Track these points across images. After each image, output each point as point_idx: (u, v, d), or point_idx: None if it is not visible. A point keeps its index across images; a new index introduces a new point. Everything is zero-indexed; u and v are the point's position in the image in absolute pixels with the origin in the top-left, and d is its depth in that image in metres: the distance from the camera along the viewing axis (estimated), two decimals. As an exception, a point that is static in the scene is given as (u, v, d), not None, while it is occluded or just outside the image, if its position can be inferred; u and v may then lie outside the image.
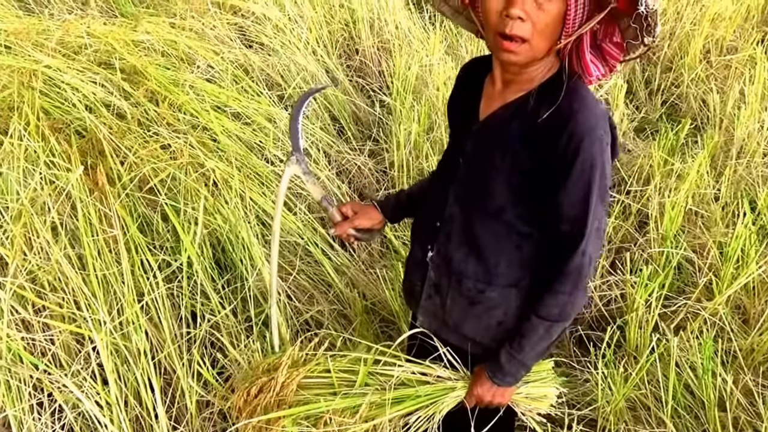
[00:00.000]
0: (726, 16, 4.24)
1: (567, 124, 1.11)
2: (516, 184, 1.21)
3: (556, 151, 1.13)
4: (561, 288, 1.19)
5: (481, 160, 1.25)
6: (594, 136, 1.12)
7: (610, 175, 1.19)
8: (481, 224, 1.27)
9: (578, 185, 1.13)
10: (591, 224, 1.15)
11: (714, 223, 2.68)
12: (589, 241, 1.16)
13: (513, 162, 1.19)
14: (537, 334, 1.25)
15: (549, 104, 1.14)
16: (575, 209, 1.15)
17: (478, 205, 1.27)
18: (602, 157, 1.13)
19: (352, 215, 1.49)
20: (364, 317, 2.16)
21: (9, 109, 2.25)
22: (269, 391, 1.35)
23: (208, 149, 2.38)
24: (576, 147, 1.11)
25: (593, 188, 1.14)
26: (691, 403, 2.02)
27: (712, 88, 3.68)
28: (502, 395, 1.33)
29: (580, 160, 1.11)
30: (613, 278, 2.41)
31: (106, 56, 2.67)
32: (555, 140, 1.12)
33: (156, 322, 1.93)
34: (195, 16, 3.14)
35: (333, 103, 3.06)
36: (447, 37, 3.67)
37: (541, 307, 1.22)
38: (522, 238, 1.25)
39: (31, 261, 1.83)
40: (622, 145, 3.34)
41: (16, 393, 1.69)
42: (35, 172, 1.99)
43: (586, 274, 1.19)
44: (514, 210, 1.23)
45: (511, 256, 1.27)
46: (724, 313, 2.24)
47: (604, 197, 1.17)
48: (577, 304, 1.23)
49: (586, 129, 1.11)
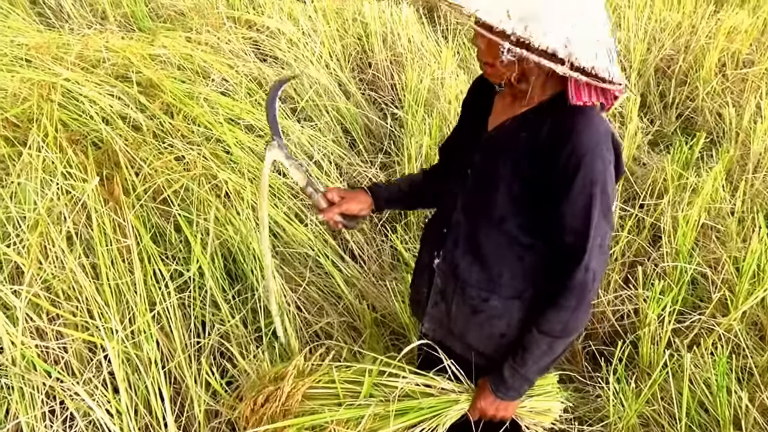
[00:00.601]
0: (742, 30, 4.21)
1: (570, 138, 1.13)
2: (516, 193, 1.22)
3: (558, 164, 1.14)
4: (564, 303, 1.20)
5: (487, 170, 1.27)
6: (596, 152, 1.13)
7: (613, 194, 1.20)
8: (485, 233, 1.29)
9: (579, 200, 1.15)
10: (593, 239, 1.16)
11: (729, 238, 2.65)
12: (592, 256, 1.17)
13: (514, 169, 1.21)
14: (540, 349, 1.25)
15: (553, 119, 1.17)
16: (577, 223, 1.16)
17: (482, 214, 1.29)
18: (604, 174, 1.15)
19: (338, 200, 1.47)
20: (373, 329, 2.16)
21: (28, 120, 2.30)
22: (275, 400, 1.36)
23: (221, 161, 2.41)
24: (577, 162, 1.13)
25: (594, 203, 1.15)
26: (705, 420, 1.98)
27: (728, 102, 3.65)
28: (506, 409, 1.33)
29: (581, 175, 1.13)
30: (625, 293, 2.38)
31: (123, 70, 2.72)
32: (557, 153, 1.14)
33: (167, 331, 1.95)
34: (210, 31, 3.20)
35: (345, 115, 3.08)
36: (460, 50, 3.69)
37: (544, 322, 1.22)
38: (524, 249, 1.26)
39: (47, 270, 1.87)
40: (637, 159, 3.32)
41: (30, 400, 1.72)
42: (52, 182, 2.03)
43: (590, 290, 1.19)
44: (515, 220, 1.25)
45: (513, 267, 1.28)
46: (739, 330, 2.21)
47: (607, 214, 1.18)
48: (581, 320, 1.23)
49: (589, 145, 1.13)
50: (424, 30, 3.72)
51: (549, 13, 1.06)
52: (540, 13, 1.06)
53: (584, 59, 1.07)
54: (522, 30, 1.06)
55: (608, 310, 2.36)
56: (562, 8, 1.07)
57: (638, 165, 3.25)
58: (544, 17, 1.06)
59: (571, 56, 1.06)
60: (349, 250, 2.53)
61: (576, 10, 1.09)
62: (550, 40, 1.06)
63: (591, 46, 1.09)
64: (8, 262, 1.92)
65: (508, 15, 1.06)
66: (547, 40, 1.06)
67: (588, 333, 2.39)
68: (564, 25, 1.07)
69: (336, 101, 3.09)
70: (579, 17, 1.09)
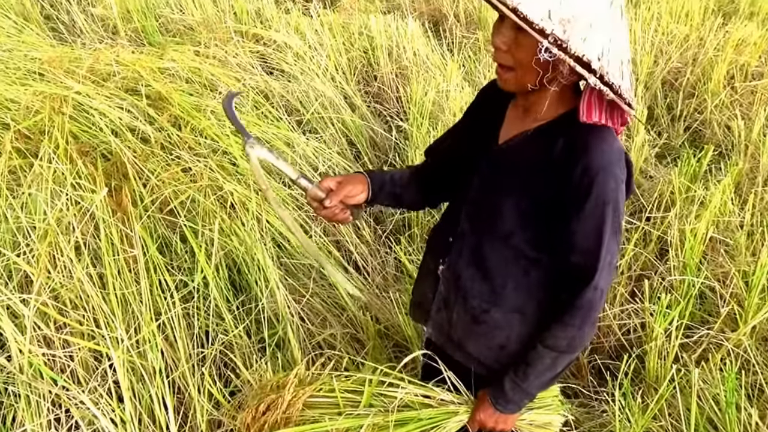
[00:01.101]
0: (751, 42, 4.20)
1: (583, 157, 1.12)
2: (526, 210, 1.21)
3: (570, 182, 1.13)
4: (571, 321, 1.19)
5: (495, 183, 1.26)
6: (609, 172, 1.11)
7: (623, 213, 1.19)
8: (490, 246, 1.28)
9: (591, 219, 1.13)
10: (604, 259, 1.15)
11: (738, 252, 2.62)
12: (601, 276, 1.15)
13: (524, 187, 1.20)
14: (543, 364, 1.24)
15: (566, 136, 1.15)
16: (588, 243, 1.15)
17: (488, 226, 1.28)
18: (616, 194, 1.13)
19: (336, 187, 1.34)
20: (377, 341, 2.16)
21: (40, 133, 2.34)
22: (276, 408, 1.36)
23: (227, 172, 2.44)
24: (590, 181, 1.11)
25: (606, 224, 1.13)
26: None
27: (737, 115, 3.63)
28: (505, 422, 1.32)
29: (594, 195, 1.11)
30: (631, 307, 2.36)
31: (133, 83, 2.77)
32: (569, 171, 1.12)
33: (171, 341, 1.96)
34: (218, 45, 3.25)
35: (350, 128, 3.10)
36: (465, 63, 3.71)
37: (549, 337, 1.22)
38: (530, 263, 1.25)
39: (55, 279, 1.89)
40: (644, 171, 3.31)
41: (36, 408, 1.73)
42: (62, 193, 2.06)
43: (597, 308, 1.19)
44: (523, 235, 1.23)
45: (518, 280, 1.27)
46: (749, 345, 2.18)
47: (617, 233, 1.17)
48: (586, 337, 1.22)
49: (602, 165, 1.11)
50: (429, 43, 3.75)
51: (589, 21, 1.04)
52: (580, 19, 1.03)
53: (614, 76, 1.06)
54: (561, 32, 1.02)
55: (614, 324, 2.34)
56: (601, 19, 1.05)
57: (645, 178, 3.24)
58: (584, 22, 1.04)
59: (603, 69, 1.04)
60: (353, 262, 2.54)
61: (612, 25, 1.07)
62: (587, 48, 1.03)
63: (619, 64, 1.07)
64: (18, 271, 1.95)
65: (549, 14, 1.02)
66: (584, 47, 1.03)
67: (594, 347, 2.37)
68: (602, 37, 1.05)
69: (341, 113, 3.12)
70: (614, 32, 1.07)
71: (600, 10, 1.05)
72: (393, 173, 1.48)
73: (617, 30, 1.07)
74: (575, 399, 2.17)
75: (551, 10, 1.02)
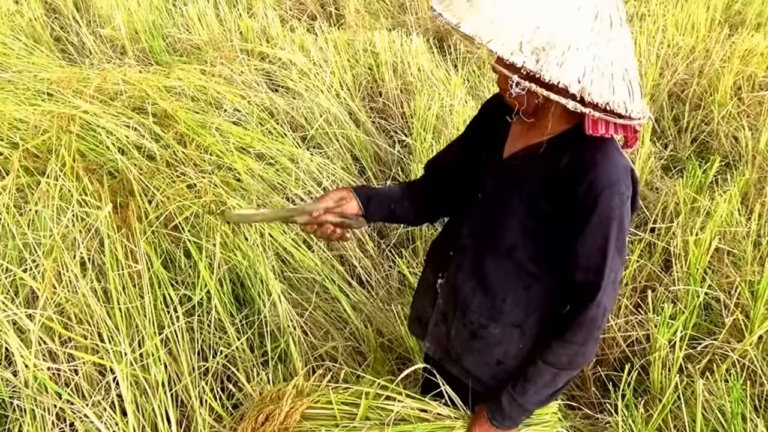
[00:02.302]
0: (758, 52, 4.19)
1: (588, 173, 1.11)
2: (530, 226, 1.21)
3: (575, 198, 1.12)
4: (573, 338, 1.18)
5: (499, 198, 1.26)
6: (614, 189, 1.11)
7: (628, 230, 1.18)
8: (492, 260, 1.27)
9: (595, 236, 1.13)
10: (608, 276, 1.14)
11: (745, 262, 2.60)
12: (605, 293, 1.15)
13: (530, 203, 1.20)
14: (542, 379, 1.23)
15: (572, 151, 1.15)
16: (592, 260, 1.14)
17: (490, 241, 1.27)
18: (621, 211, 1.12)
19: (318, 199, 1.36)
20: (378, 354, 2.16)
21: (48, 151, 2.39)
22: (274, 419, 1.37)
23: (231, 188, 2.47)
24: (595, 198, 1.11)
25: (610, 241, 1.13)
26: (720, 449, 1.92)
27: (744, 125, 3.61)
28: None
29: (598, 211, 1.11)
30: (635, 318, 2.34)
31: (139, 102, 2.82)
32: (574, 187, 1.12)
33: (175, 354, 1.98)
34: (224, 63, 3.31)
35: (355, 143, 3.13)
36: (469, 78, 3.74)
37: (550, 354, 1.21)
38: (532, 279, 1.25)
39: (60, 294, 1.92)
40: (650, 183, 3.29)
41: (41, 422, 1.75)
42: (68, 209, 2.10)
43: (600, 325, 1.18)
44: (526, 250, 1.23)
45: (518, 295, 1.27)
46: (755, 356, 2.15)
47: (622, 250, 1.16)
48: (588, 354, 1.21)
49: (607, 181, 1.11)
50: (434, 59, 3.78)
51: (568, 42, 1.00)
52: (558, 41, 1.00)
53: (599, 94, 1.02)
54: (533, 64, 0.99)
55: (618, 336, 2.32)
56: (583, 38, 1.01)
57: (651, 190, 3.23)
58: (562, 46, 1.00)
59: (584, 91, 1.01)
60: (356, 276, 2.55)
61: (598, 39, 1.02)
62: (563, 73, 1.00)
63: (608, 80, 1.03)
64: (24, 287, 1.98)
65: (520, 47, 0.99)
66: (559, 72, 0.99)
67: (598, 359, 2.35)
68: (584, 56, 1.01)
69: (346, 129, 3.15)
70: (602, 46, 1.02)
71: (581, 28, 1.01)
72: (382, 188, 1.49)
73: (608, 42, 1.04)
74: (579, 411, 2.15)
75: (523, 42, 0.99)
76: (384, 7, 4.98)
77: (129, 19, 3.99)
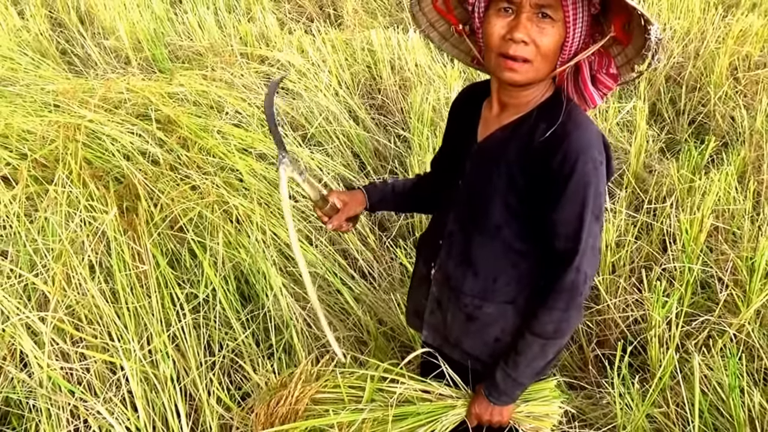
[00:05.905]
0: (753, 32, 4.18)
1: (561, 144, 1.15)
2: (512, 203, 1.25)
3: (551, 170, 1.16)
4: (556, 305, 1.21)
5: (478, 181, 1.30)
6: (588, 155, 1.15)
7: (604, 194, 1.21)
8: (479, 243, 1.31)
9: (572, 203, 1.16)
10: (585, 241, 1.17)
11: (741, 240, 2.62)
12: (583, 258, 1.18)
13: (509, 181, 1.24)
14: (532, 351, 1.26)
15: (546, 124, 1.19)
16: (570, 227, 1.18)
17: (476, 223, 1.31)
18: (596, 177, 1.16)
19: (342, 206, 1.52)
20: (381, 342, 2.21)
21: (55, 160, 2.47)
22: (285, 402, 1.42)
23: (233, 188, 2.53)
24: (571, 166, 1.14)
25: (587, 206, 1.16)
26: (719, 423, 1.95)
27: (741, 105, 3.62)
28: (501, 414, 1.34)
29: (575, 179, 1.15)
30: (631, 297, 2.38)
31: (143, 108, 2.90)
32: (549, 159, 1.16)
33: (183, 350, 2.05)
34: (224, 67, 3.38)
35: (354, 140, 3.19)
36: (466, 70, 3.78)
37: (536, 323, 1.24)
38: (519, 255, 1.29)
39: (70, 296, 2.00)
40: (648, 165, 3.31)
41: (56, 420, 1.83)
42: (75, 215, 2.18)
43: (582, 291, 1.21)
44: (511, 228, 1.27)
45: (508, 273, 1.30)
46: (752, 330, 2.18)
47: (599, 216, 1.20)
48: (573, 321, 1.24)
49: (581, 149, 1.15)
50: (430, 53, 3.83)
51: None
52: None
53: None
54: None
55: (617, 316, 2.36)
56: None
57: (648, 172, 3.25)
58: None
59: None
60: (359, 269, 2.60)
61: None
62: None
63: None
64: (36, 291, 2.06)
65: None
66: None
67: (599, 340, 2.39)
68: None
69: (345, 126, 3.21)
70: None
71: None
72: (395, 183, 1.60)
73: None
74: (580, 391, 2.18)
75: None
76: (381, 6, 5.04)
77: (132, 29, 4.09)
